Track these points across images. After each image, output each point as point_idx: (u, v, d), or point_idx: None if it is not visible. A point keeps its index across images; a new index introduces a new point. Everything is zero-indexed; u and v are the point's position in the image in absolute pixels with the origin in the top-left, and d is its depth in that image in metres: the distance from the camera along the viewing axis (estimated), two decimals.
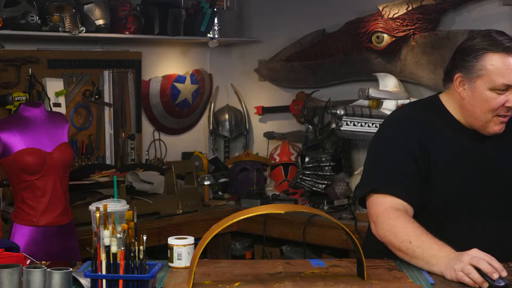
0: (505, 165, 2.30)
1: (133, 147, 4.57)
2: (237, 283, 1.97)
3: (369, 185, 2.27)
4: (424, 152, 2.24)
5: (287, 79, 4.80)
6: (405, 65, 4.16)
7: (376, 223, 2.19)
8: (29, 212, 3.24)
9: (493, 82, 2.18)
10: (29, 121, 3.29)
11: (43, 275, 1.77)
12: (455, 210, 2.26)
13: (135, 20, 4.36)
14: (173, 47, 4.83)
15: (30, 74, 4.06)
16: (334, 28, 4.49)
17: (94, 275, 1.81)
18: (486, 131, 2.26)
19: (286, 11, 4.79)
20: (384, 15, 4.17)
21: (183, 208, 4.17)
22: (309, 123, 4.46)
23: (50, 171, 3.24)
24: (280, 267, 2.16)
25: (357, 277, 2.03)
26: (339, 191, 4.24)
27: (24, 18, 3.80)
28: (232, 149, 5.09)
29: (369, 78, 4.23)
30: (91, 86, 4.39)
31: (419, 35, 4.07)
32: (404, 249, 2.09)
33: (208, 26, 4.67)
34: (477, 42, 2.21)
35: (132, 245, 1.81)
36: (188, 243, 2.20)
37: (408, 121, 2.32)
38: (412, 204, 2.21)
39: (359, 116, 3.99)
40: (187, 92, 4.87)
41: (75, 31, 3.96)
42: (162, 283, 2.00)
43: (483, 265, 1.90)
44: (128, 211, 1.87)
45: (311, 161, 4.32)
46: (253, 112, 5.05)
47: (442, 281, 1.97)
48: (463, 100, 2.25)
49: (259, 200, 4.29)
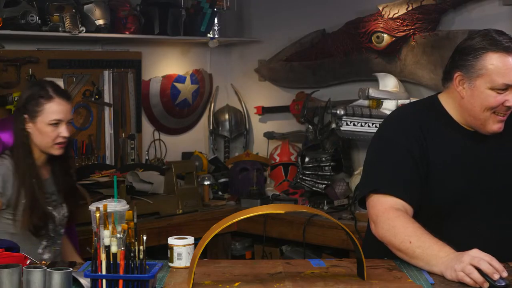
0: (504, 165, 2.30)
1: (133, 147, 4.57)
2: (237, 283, 1.97)
3: (369, 185, 2.27)
4: (424, 152, 2.25)
5: (287, 79, 4.80)
6: (405, 65, 4.16)
7: (376, 223, 2.19)
8: None
9: (493, 81, 2.18)
10: None
11: (43, 275, 1.77)
12: (455, 210, 2.26)
13: (135, 20, 4.36)
14: (173, 47, 4.83)
15: (30, 74, 4.06)
16: (334, 28, 4.49)
17: (94, 275, 1.81)
18: (485, 130, 2.26)
19: (286, 11, 4.79)
20: (384, 15, 4.17)
21: (183, 208, 4.17)
22: (309, 123, 4.46)
23: None
24: (280, 267, 2.16)
25: (357, 277, 2.03)
26: (339, 191, 4.23)
27: (24, 18, 3.80)
28: (232, 149, 5.09)
29: (369, 78, 4.23)
30: (91, 86, 4.39)
31: (419, 35, 4.07)
32: (404, 249, 2.09)
33: (208, 26, 4.67)
34: (476, 41, 2.21)
35: (132, 245, 1.81)
36: (188, 243, 2.20)
37: (407, 121, 2.32)
38: (412, 204, 2.21)
39: (359, 116, 3.99)
40: (187, 92, 4.87)
41: (75, 31, 3.96)
42: (162, 283, 2.00)
43: (484, 265, 1.90)
44: (128, 211, 1.87)
45: (311, 161, 4.32)
46: (253, 112, 5.05)
47: (442, 281, 1.97)
48: (462, 99, 2.26)
49: (259, 200, 4.28)
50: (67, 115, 2.85)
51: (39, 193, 2.81)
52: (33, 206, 2.78)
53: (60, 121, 2.82)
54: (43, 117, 2.80)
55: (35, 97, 2.81)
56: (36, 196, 2.79)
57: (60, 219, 2.91)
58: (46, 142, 2.82)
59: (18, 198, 2.78)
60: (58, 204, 2.91)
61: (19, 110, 2.85)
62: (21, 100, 2.86)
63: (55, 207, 2.89)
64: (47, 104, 2.80)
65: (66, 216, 2.94)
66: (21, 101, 2.85)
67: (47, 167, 2.92)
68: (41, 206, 2.80)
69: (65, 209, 2.93)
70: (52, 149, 2.84)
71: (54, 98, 2.82)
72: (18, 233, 2.77)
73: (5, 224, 2.80)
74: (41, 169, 2.88)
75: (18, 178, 2.79)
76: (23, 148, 2.82)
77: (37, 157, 2.85)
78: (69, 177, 3.00)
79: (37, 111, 2.80)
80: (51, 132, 2.81)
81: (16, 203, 2.78)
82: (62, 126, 2.82)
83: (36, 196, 2.79)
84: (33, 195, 2.79)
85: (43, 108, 2.80)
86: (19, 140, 2.83)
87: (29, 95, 2.84)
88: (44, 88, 2.83)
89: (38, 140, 2.82)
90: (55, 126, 2.81)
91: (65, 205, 2.93)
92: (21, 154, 2.82)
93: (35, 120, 2.81)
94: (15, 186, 2.79)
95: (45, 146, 2.83)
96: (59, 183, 2.93)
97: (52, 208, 2.87)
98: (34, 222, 2.77)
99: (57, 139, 2.82)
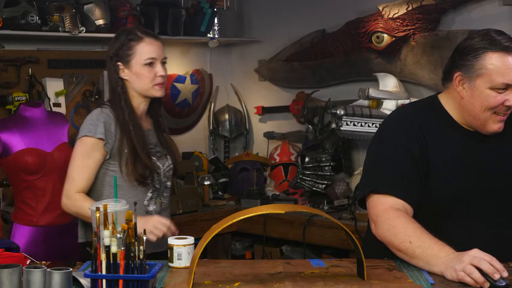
0: (504, 166, 2.30)
1: None
2: (237, 283, 1.97)
3: (369, 185, 2.27)
4: (424, 152, 2.25)
5: (287, 79, 4.80)
6: (405, 65, 4.16)
7: (376, 223, 2.19)
8: (29, 212, 3.24)
9: (493, 81, 2.18)
10: (29, 121, 3.29)
11: (43, 275, 1.77)
12: (455, 210, 2.26)
13: (135, 20, 4.36)
14: (173, 47, 4.83)
15: (30, 74, 4.06)
16: (334, 28, 4.49)
17: (94, 275, 1.81)
18: (485, 130, 2.26)
19: (286, 11, 4.79)
20: (384, 15, 4.17)
21: (183, 208, 4.17)
22: (309, 123, 4.46)
23: (50, 171, 3.25)
24: (280, 267, 2.16)
25: (357, 277, 2.03)
26: (339, 191, 4.24)
27: (24, 18, 3.80)
28: (232, 149, 5.09)
29: (369, 78, 4.23)
30: (91, 86, 4.39)
31: (419, 35, 4.07)
32: (404, 249, 2.09)
33: (208, 26, 4.68)
34: (476, 41, 2.22)
35: (132, 245, 1.81)
36: (188, 243, 2.20)
37: (407, 121, 2.32)
38: (412, 204, 2.21)
39: (359, 116, 3.99)
40: (187, 92, 4.87)
41: (75, 31, 3.97)
42: (162, 283, 2.00)
43: (485, 265, 1.90)
44: (128, 211, 1.87)
45: (311, 161, 4.32)
46: (253, 112, 5.05)
47: (442, 281, 1.97)
48: (462, 99, 2.26)
49: (259, 200, 4.29)
50: (160, 53, 2.79)
51: (141, 142, 2.75)
52: (136, 155, 2.72)
53: (155, 59, 2.76)
54: (137, 59, 2.75)
55: (125, 41, 2.76)
56: (138, 145, 2.73)
57: (165, 171, 2.85)
58: (144, 84, 2.76)
59: (121, 148, 2.73)
60: (163, 156, 2.85)
61: (112, 59, 2.78)
62: (112, 49, 2.79)
63: (159, 158, 2.83)
64: (138, 45, 2.75)
65: (171, 168, 2.88)
66: (112, 50, 2.79)
67: (148, 119, 2.87)
68: (144, 155, 2.74)
69: (169, 161, 2.87)
70: (152, 91, 2.78)
71: (144, 38, 2.77)
72: (124, 185, 2.73)
73: (110, 176, 2.74)
74: (142, 119, 2.83)
75: (120, 126, 2.74)
76: (121, 97, 2.77)
77: (136, 105, 2.80)
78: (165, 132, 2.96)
79: (130, 54, 2.75)
80: (148, 73, 2.75)
81: (120, 153, 2.73)
82: (157, 65, 2.77)
83: (138, 145, 2.74)
84: (135, 144, 2.73)
85: (135, 50, 2.75)
86: (116, 90, 2.78)
87: (118, 42, 2.78)
88: (131, 32, 2.79)
89: (136, 84, 2.78)
90: (151, 66, 2.75)
91: (169, 157, 2.88)
92: (120, 103, 2.76)
93: (130, 64, 2.76)
94: (118, 135, 2.74)
95: (145, 89, 2.77)
96: (160, 134, 2.89)
97: (156, 158, 2.81)
98: (139, 171, 2.72)
99: (156, 79, 2.76)
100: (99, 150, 2.72)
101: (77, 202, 2.69)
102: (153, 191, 2.82)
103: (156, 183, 2.81)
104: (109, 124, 2.73)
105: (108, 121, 2.74)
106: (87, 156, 2.72)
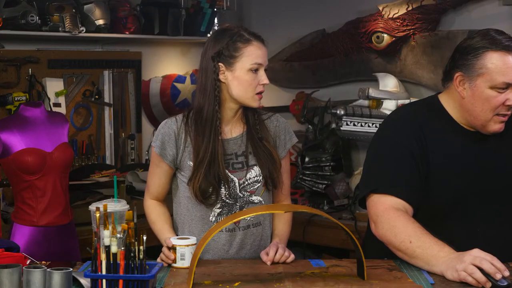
0: (504, 166, 2.30)
1: (133, 147, 4.57)
2: (237, 283, 1.97)
3: (369, 185, 2.27)
4: (424, 152, 2.25)
5: (287, 79, 4.80)
6: (405, 65, 4.16)
7: (376, 223, 2.19)
8: (29, 212, 3.23)
9: (494, 80, 2.18)
10: (29, 121, 3.29)
11: (43, 275, 1.77)
12: (455, 210, 2.26)
13: (135, 20, 4.36)
14: (173, 47, 4.83)
15: (30, 74, 4.06)
16: (334, 28, 4.50)
17: (94, 275, 1.81)
18: (486, 130, 2.26)
19: (286, 11, 4.79)
20: (384, 15, 4.17)
21: None
22: (309, 123, 4.46)
23: (50, 171, 3.24)
24: (280, 267, 2.16)
25: (357, 277, 2.03)
26: (339, 191, 4.23)
27: (24, 18, 3.80)
28: None
29: (369, 78, 4.23)
30: (91, 86, 4.39)
31: (419, 35, 4.07)
32: (404, 249, 2.09)
33: (208, 26, 4.67)
34: (476, 41, 2.22)
35: (132, 245, 1.81)
36: (191, 243, 2.20)
37: (408, 121, 2.32)
38: (412, 204, 2.21)
39: (359, 116, 3.99)
40: (187, 92, 4.87)
41: (75, 31, 3.96)
42: (162, 283, 2.00)
43: (486, 265, 1.90)
44: (128, 211, 1.87)
45: (311, 161, 4.32)
46: None
47: (442, 281, 1.97)
48: (463, 99, 2.26)
49: None
50: (266, 60, 2.52)
51: (214, 153, 2.48)
52: (201, 168, 2.47)
53: (260, 66, 2.49)
54: (243, 62, 2.47)
55: (231, 41, 2.48)
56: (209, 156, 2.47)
57: (244, 184, 2.52)
58: (246, 91, 2.49)
59: (183, 159, 2.52)
60: (246, 167, 2.53)
61: (213, 59, 2.49)
62: (212, 49, 2.50)
63: (238, 170, 2.53)
64: (246, 48, 2.47)
65: (257, 181, 2.54)
66: (213, 50, 2.50)
67: (239, 125, 2.58)
68: (212, 169, 2.47)
69: (256, 172, 2.53)
70: (253, 100, 2.50)
71: (252, 41, 2.49)
72: (192, 197, 2.51)
73: (183, 187, 2.55)
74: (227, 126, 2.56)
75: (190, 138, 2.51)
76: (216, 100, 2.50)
77: (224, 113, 2.53)
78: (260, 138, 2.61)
79: (236, 56, 2.47)
80: (252, 80, 2.47)
81: (182, 164, 2.52)
82: (262, 72, 2.50)
83: (208, 156, 2.47)
84: (204, 155, 2.48)
85: (242, 52, 2.47)
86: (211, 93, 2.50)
87: (222, 41, 2.50)
88: (236, 32, 2.50)
89: (236, 90, 2.48)
90: (255, 73, 2.48)
91: (258, 168, 2.54)
92: (214, 107, 2.50)
93: (233, 67, 2.48)
94: (182, 146, 2.52)
95: (246, 97, 2.49)
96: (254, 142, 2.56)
97: (232, 170, 2.52)
98: (201, 187, 2.46)
99: (258, 88, 2.50)
100: (162, 161, 2.56)
101: (147, 209, 2.62)
102: (221, 206, 2.51)
103: (225, 197, 2.51)
104: (168, 136, 2.52)
105: (167, 133, 2.53)
106: (155, 165, 2.59)
